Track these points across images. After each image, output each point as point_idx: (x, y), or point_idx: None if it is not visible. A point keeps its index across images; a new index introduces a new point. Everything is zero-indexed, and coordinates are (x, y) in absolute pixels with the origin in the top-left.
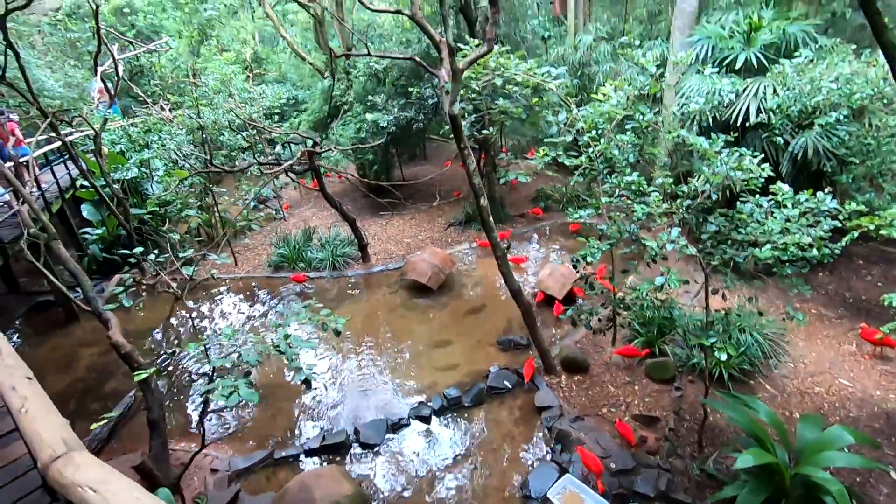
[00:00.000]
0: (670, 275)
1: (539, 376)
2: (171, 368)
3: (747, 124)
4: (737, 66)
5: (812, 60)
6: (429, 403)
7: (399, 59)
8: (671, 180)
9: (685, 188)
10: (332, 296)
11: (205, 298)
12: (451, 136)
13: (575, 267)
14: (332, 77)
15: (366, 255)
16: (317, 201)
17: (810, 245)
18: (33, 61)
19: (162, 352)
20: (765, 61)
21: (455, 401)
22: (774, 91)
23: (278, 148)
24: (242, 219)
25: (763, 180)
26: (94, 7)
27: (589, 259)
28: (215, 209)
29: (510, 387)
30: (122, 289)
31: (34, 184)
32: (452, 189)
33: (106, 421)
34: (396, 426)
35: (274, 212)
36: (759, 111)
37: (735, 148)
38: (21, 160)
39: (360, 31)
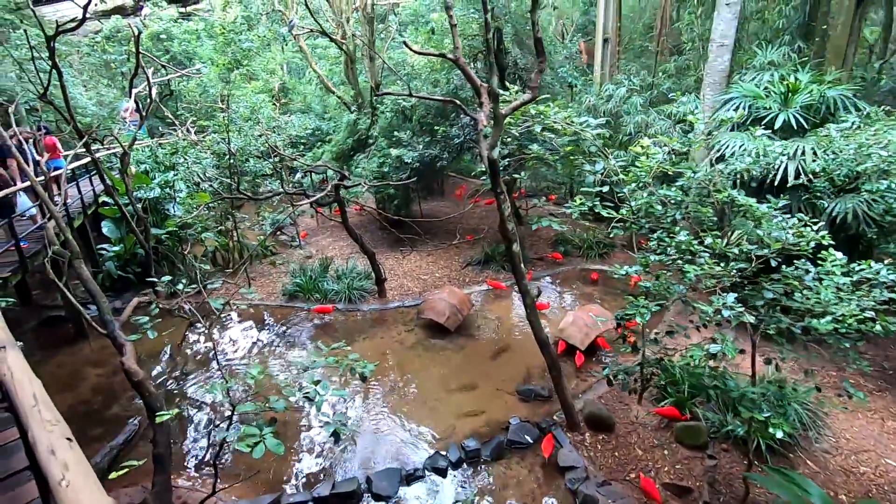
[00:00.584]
0: (726, 342)
1: (562, 433)
2: (174, 391)
3: (787, 185)
4: (775, 126)
5: (859, 126)
6: (445, 454)
7: (439, 101)
8: (721, 241)
9: (735, 250)
10: (346, 330)
11: (216, 323)
12: (471, 173)
13: (619, 325)
14: (365, 112)
15: (382, 290)
16: (333, 231)
17: (872, 319)
18: (70, 79)
19: (171, 377)
20: (804, 123)
21: (473, 453)
22: (814, 153)
23: (298, 175)
24: (261, 246)
25: (814, 245)
26: (136, 33)
27: (639, 319)
28: (234, 234)
29: (531, 442)
30: (146, 318)
31: (62, 199)
32: (471, 228)
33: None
34: (411, 477)
35: (290, 239)
36: (798, 173)
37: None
38: (53, 173)
39: (391, 69)
